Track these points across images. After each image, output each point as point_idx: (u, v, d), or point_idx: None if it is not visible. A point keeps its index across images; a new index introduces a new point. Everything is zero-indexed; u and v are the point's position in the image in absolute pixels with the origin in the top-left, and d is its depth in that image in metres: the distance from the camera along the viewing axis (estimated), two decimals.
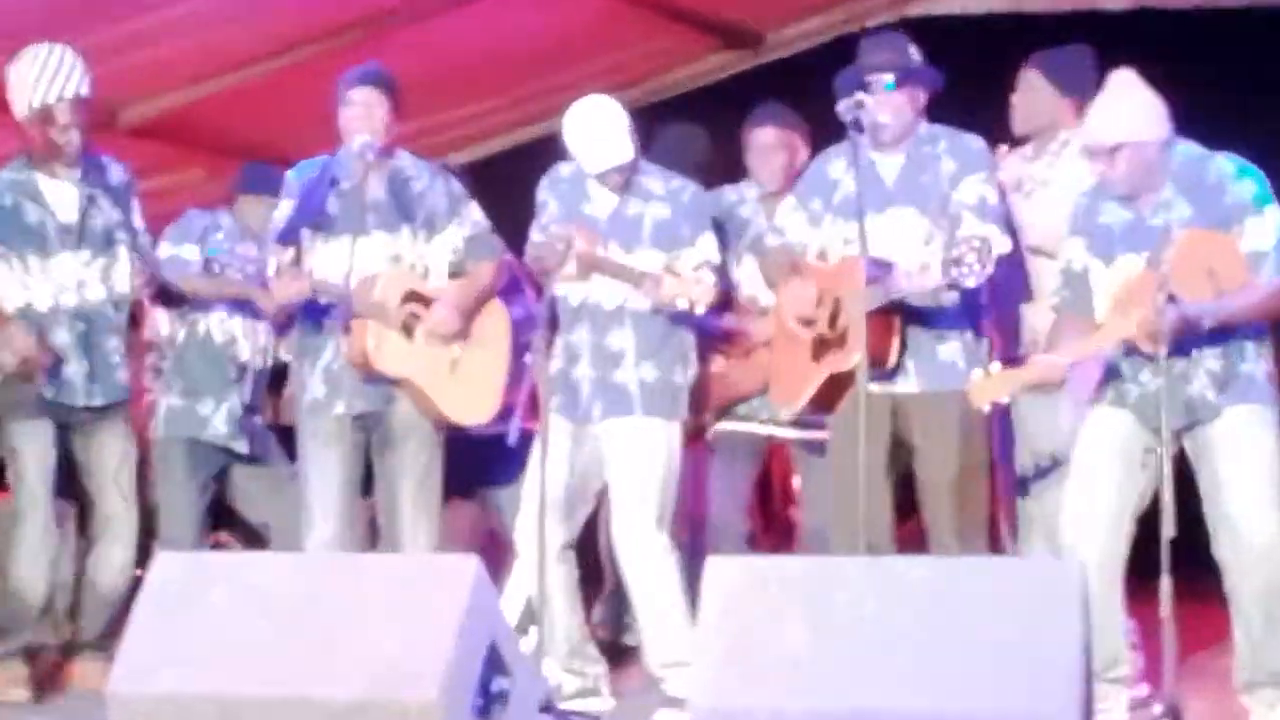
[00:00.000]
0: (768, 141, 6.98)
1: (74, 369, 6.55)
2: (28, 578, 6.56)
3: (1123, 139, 5.70)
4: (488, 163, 9.71)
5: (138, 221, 6.73)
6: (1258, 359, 5.73)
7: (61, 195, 6.57)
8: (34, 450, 6.56)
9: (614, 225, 6.32)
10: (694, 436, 6.79)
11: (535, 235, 6.36)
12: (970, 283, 5.73)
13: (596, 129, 6.26)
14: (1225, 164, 5.75)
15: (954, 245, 5.76)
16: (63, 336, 6.54)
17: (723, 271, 6.49)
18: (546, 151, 6.59)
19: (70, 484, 6.74)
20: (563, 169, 6.46)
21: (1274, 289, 5.64)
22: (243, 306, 7.05)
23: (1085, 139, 5.83)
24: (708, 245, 6.33)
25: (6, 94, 6.56)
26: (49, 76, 6.42)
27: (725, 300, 6.68)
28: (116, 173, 6.72)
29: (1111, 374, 5.80)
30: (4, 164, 6.63)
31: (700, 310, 6.17)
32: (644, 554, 6.24)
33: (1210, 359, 5.66)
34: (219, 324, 7.12)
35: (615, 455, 6.27)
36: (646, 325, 6.29)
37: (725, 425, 6.94)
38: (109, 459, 6.67)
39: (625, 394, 6.27)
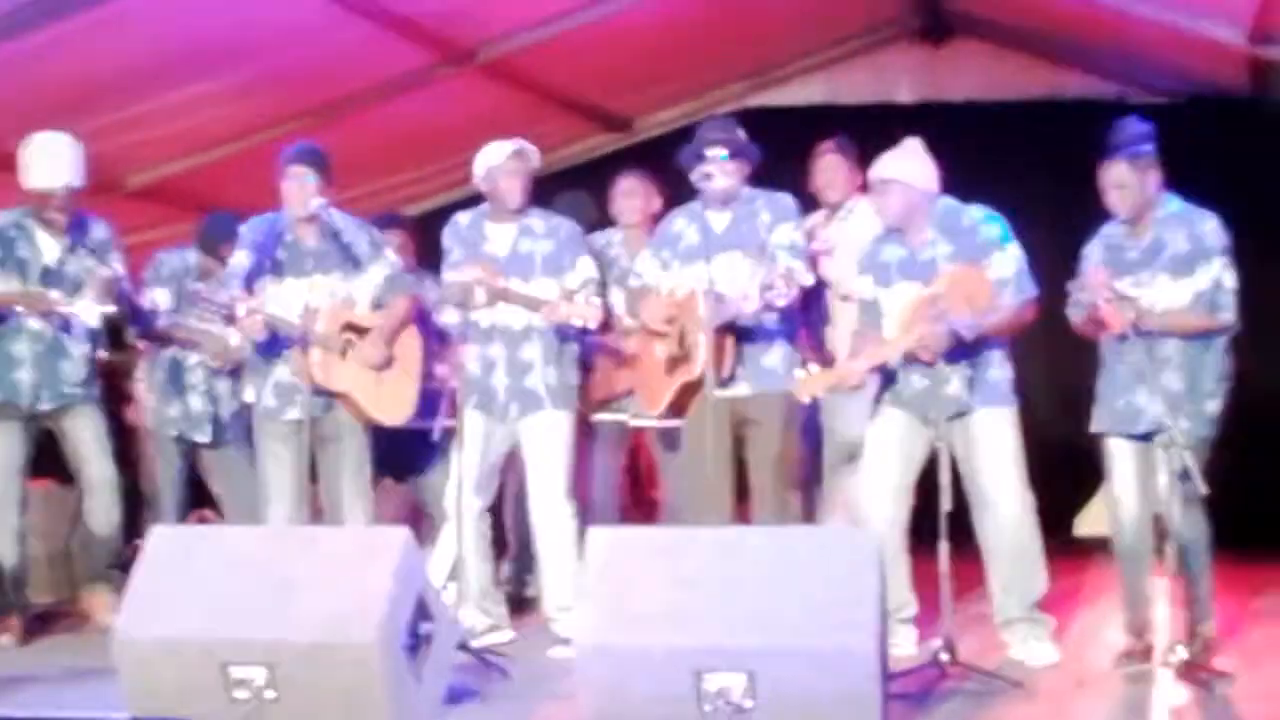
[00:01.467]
0: (627, 186, 7.05)
1: (24, 376, 6.44)
2: (3, 555, 6.47)
3: (895, 177, 5.80)
4: (422, 217, 9.67)
5: (119, 268, 6.59)
6: (1001, 366, 5.83)
7: (49, 244, 6.47)
8: (1, 452, 6.47)
9: (511, 261, 6.28)
10: (580, 428, 6.80)
11: (446, 275, 6.32)
12: (780, 303, 5.73)
13: (497, 145, 6.27)
14: (976, 211, 5.86)
15: (766, 275, 5.76)
16: (20, 349, 6.44)
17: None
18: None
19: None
20: (460, 218, 6.43)
21: (1015, 308, 5.76)
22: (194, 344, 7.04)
23: (870, 174, 5.92)
24: (586, 267, 6.31)
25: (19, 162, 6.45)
26: (52, 165, 6.36)
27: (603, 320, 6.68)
28: (99, 231, 6.60)
29: (889, 379, 5.86)
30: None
31: (592, 326, 6.17)
32: (557, 518, 6.22)
33: (965, 366, 5.73)
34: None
35: (533, 444, 6.25)
36: (548, 339, 6.26)
37: (601, 416, 6.95)
38: (83, 436, 6.56)
39: (536, 395, 6.23)
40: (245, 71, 7.44)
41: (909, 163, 5.85)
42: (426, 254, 7.13)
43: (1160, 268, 5.61)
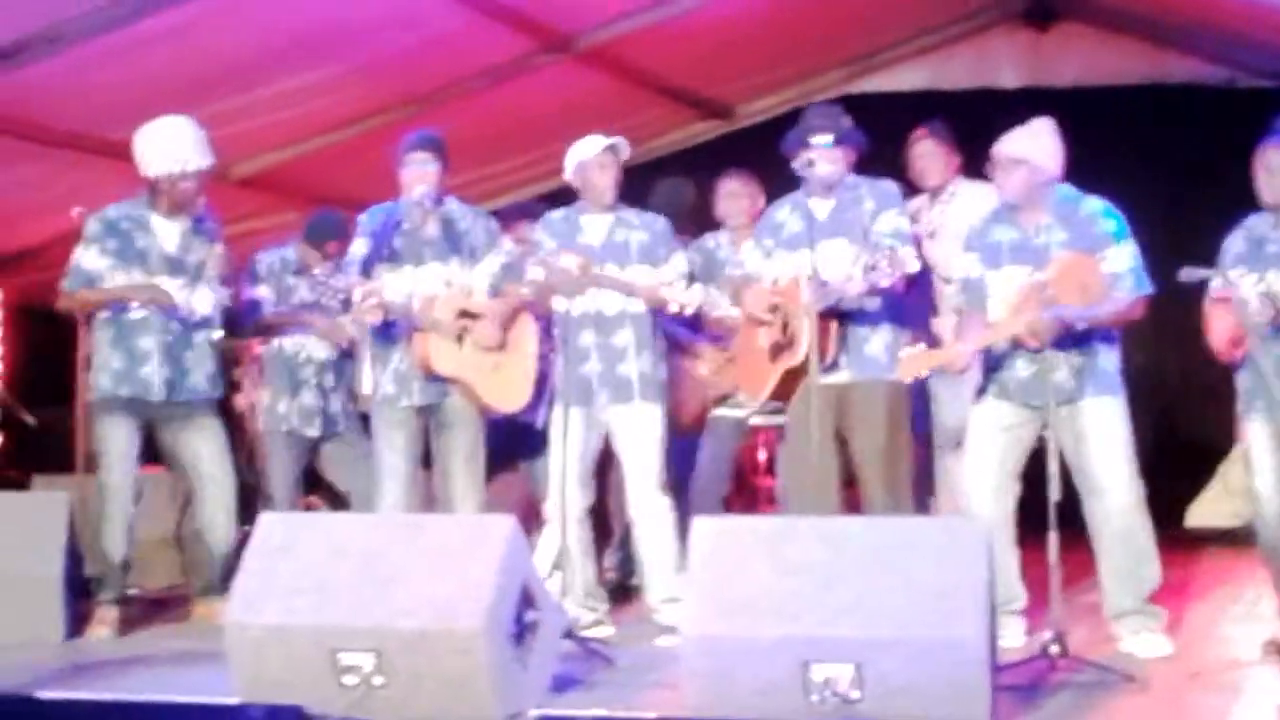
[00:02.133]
0: (732, 188, 7.03)
1: (152, 370, 6.40)
2: (113, 545, 6.43)
3: (1025, 157, 5.71)
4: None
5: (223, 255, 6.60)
6: (1110, 355, 5.75)
7: (168, 231, 6.45)
8: (117, 442, 6.41)
9: (607, 249, 6.28)
10: (694, 424, 6.85)
11: (532, 269, 6.30)
12: (885, 283, 5.70)
13: (588, 140, 6.28)
14: (1095, 203, 5.77)
15: (870, 256, 5.74)
16: (148, 342, 6.40)
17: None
18: (563, 201, 6.55)
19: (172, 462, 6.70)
20: (554, 214, 6.43)
21: (1128, 302, 5.67)
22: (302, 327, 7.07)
23: (997, 149, 5.80)
24: (679, 261, 6.32)
25: (136, 151, 6.39)
26: (187, 148, 6.32)
27: (700, 318, 6.71)
28: (210, 221, 6.59)
29: (993, 367, 5.79)
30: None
31: (689, 312, 6.19)
32: (654, 511, 6.22)
33: (1074, 354, 5.66)
34: (290, 340, 7.10)
35: (626, 437, 6.24)
36: (641, 326, 6.25)
37: (718, 412, 6.94)
38: (200, 448, 6.52)
39: (628, 384, 6.21)
40: (347, 60, 7.51)
41: (1038, 143, 5.75)
42: None
43: None
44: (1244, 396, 5.69)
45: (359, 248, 6.29)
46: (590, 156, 6.27)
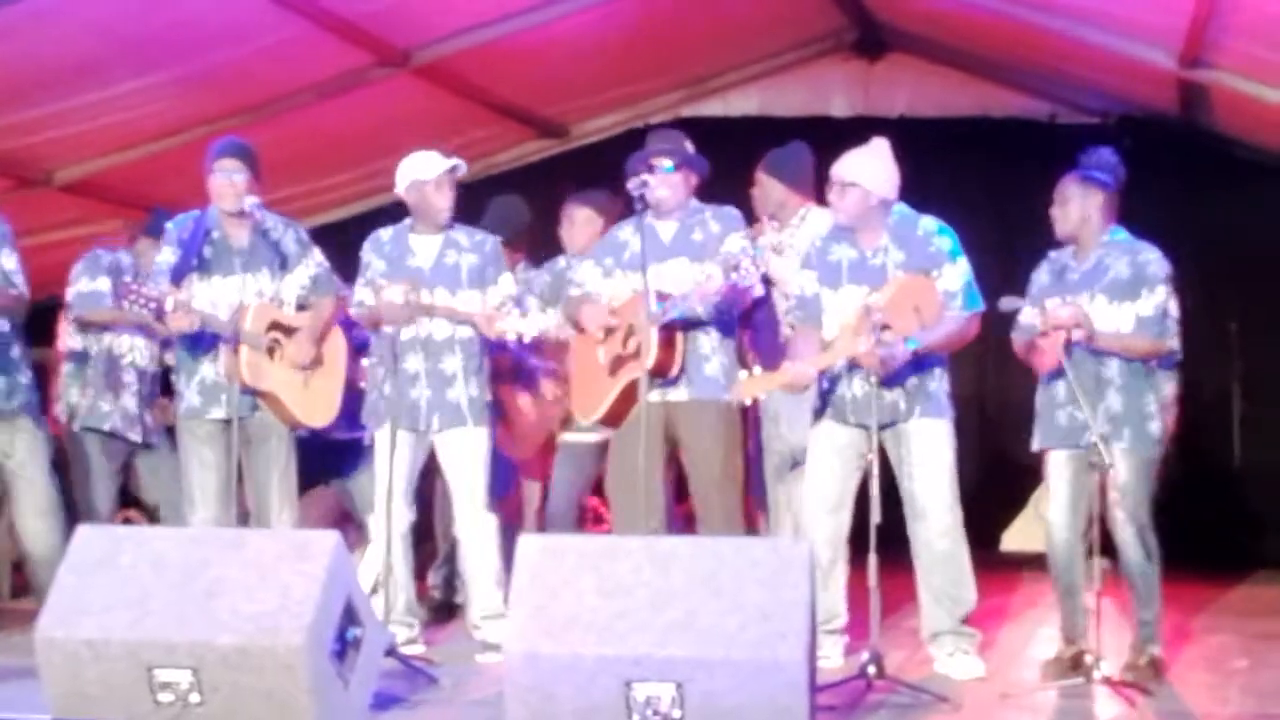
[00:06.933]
0: (585, 215, 6.99)
1: None
2: None
3: (856, 180, 5.81)
4: (342, 224, 9.63)
5: (7, 262, 6.16)
6: (941, 379, 5.85)
7: None
8: None
9: (437, 272, 6.24)
10: (546, 448, 6.88)
11: (360, 290, 6.27)
12: (747, 282, 5.83)
13: (425, 158, 6.24)
14: (931, 222, 5.88)
15: (732, 258, 5.83)
16: None
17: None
18: (396, 215, 6.49)
19: None
20: (383, 233, 6.37)
21: (963, 320, 5.78)
22: (140, 327, 6.86)
23: (833, 171, 5.91)
24: (507, 283, 6.30)
25: None
26: None
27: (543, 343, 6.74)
28: None
29: (831, 389, 5.86)
30: None
31: (526, 339, 6.18)
32: (479, 530, 6.19)
33: (906, 375, 5.74)
34: (117, 339, 6.94)
35: (453, 459, 6.21)
36: (469, 351, 6.23)
37: (567, 437, 6.93)
38: (14, 449, 6.26)
39: (458, 409, 6.19)
40: (179, 68, 7.38)
41: (872, 166, 5.85)
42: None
43: (1100, 290, 5.70)
44: (1044, 429, 5.83)
45: (167, 256, 6.16)
46: (429, 176, 6.22)
